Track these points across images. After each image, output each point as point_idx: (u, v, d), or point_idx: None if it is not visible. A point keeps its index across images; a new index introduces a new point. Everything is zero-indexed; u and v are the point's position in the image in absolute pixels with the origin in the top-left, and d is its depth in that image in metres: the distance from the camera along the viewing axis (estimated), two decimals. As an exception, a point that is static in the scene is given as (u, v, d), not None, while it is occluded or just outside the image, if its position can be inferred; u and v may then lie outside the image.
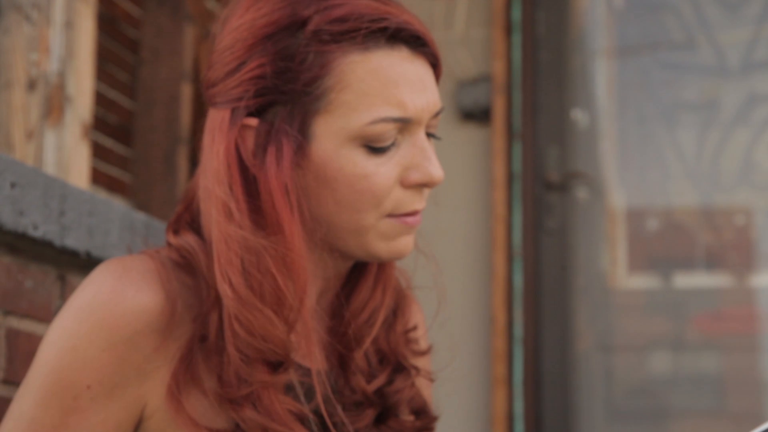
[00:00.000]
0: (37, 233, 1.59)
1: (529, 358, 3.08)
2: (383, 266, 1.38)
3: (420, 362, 1.44)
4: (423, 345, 1.46)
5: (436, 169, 1.28)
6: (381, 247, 1.29)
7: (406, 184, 1.28)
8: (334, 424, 1.32)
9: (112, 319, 1.24)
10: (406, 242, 1.30)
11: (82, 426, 1.25)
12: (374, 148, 1.26)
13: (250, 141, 1.26)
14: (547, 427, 3.08)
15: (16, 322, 1.61)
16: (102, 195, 2.67)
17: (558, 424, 3.09)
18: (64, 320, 1.26)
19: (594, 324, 3.16)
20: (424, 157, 1.27)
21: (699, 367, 3.12)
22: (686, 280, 3.20)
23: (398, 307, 1.41)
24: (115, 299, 1.24)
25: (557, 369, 3.11)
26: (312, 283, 1.30)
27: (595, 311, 3.17)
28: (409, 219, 1.29)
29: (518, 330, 3.09)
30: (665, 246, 3.20)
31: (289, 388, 1.30)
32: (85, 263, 1.69)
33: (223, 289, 1.23)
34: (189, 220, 1.32)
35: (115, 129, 2.81)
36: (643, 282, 3.24)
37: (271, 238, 1.24)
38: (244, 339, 1.24)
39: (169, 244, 1.33)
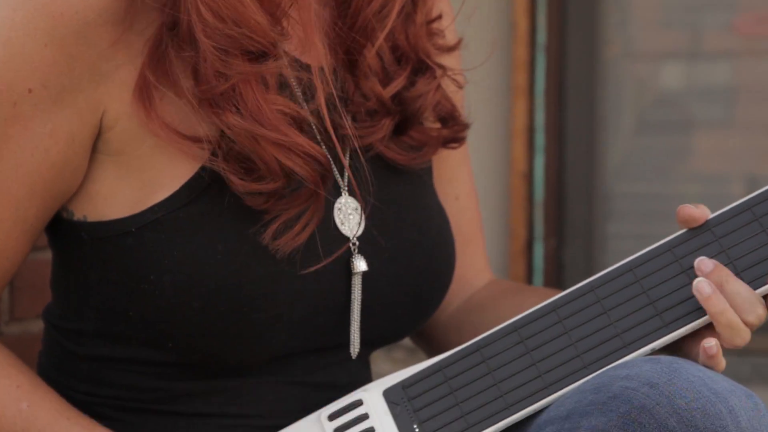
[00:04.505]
0: None
1: (552, 67, 2.96)
2: None
3: (447, 60, 1.23)
4: (450, 38, 1.24)
5: None
6: None
7: None
8: (343, 137, 1.13)
9: (55, 5, 1.03)
10: None
11: (25, 137, 1.06)
12: None
13: None
14: (570, 139, 2.98)
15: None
16: None
17: (582, 136, 2.99)
18: None
19: (624, 30, 3.02)
20: None
21: (733, 75, 2.97)
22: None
23: None
24: None
25: (582, 78, 2.98)
26: None
27: (624, 16, 3.01)
28: None
29: (541, 37, 2.95)
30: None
31: (283, 87, 1.11)
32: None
33: None
34: None
35: None
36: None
37: None
38: (213, 25, 1.04)
39: None
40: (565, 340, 1.10)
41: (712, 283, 1.09)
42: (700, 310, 1.09)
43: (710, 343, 1.08)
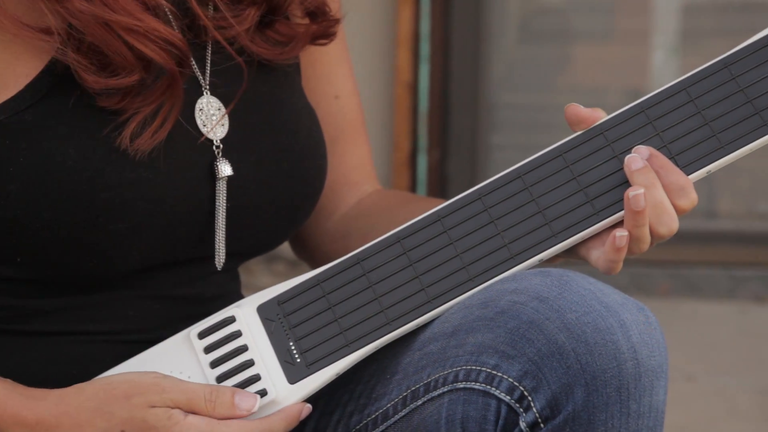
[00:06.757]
0: None
1: (438, -27, 2.92)
2: None
3: None
4: None
5: None
6: None
7: None
8: (204, 29, 1.08)
9: None
10: None
11: None
12: None
13: None
14: (456, 48, 2.95)
15: None
16: None
17: (467, 45, 2.96)
18: None
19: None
20: None
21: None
22: None
23: None
24: None
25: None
26: None
27: None
28: None
29: (426, -58, 2.90)
30: None
31: None
32: None
33: None
34: None
35: None
36: None
37: None
38: None
39: None
40: (450, 251, 1.05)
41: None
42: (593, 217, 1.04)
43: (622, 233, 1.03)
